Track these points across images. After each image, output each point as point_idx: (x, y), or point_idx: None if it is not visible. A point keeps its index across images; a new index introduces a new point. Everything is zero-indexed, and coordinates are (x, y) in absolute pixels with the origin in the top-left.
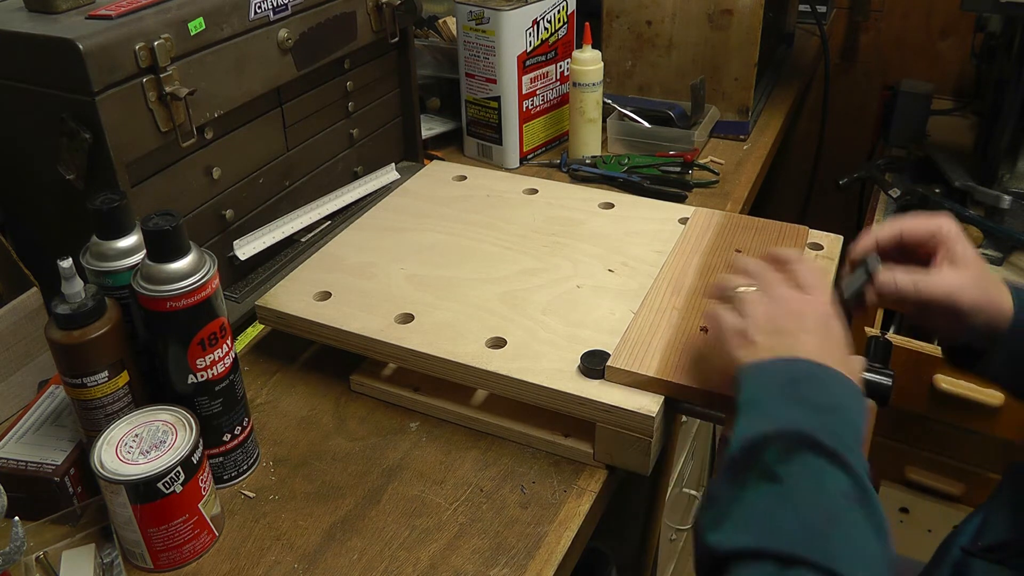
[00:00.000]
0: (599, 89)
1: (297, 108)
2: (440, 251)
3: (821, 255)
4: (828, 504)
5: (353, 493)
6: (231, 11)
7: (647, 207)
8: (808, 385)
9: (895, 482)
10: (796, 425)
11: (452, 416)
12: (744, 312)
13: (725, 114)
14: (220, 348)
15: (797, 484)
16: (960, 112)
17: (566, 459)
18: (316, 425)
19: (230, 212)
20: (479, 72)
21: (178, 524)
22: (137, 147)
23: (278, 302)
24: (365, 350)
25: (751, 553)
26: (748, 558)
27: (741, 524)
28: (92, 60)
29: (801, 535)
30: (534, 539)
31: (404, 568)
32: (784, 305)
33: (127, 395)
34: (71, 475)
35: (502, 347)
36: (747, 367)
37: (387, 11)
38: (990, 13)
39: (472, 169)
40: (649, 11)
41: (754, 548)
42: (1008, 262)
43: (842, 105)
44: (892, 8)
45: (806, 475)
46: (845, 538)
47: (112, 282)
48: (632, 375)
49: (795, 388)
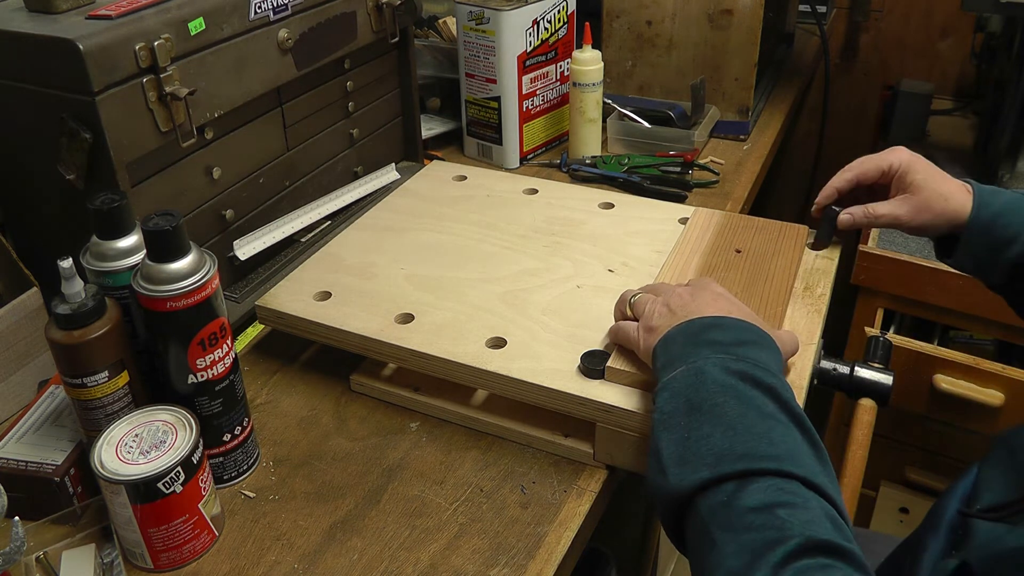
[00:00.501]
0: (599, 89)
1: (297, 108)
2: (440, 251)
3: (821, 255)
4: (763, 423)
5: (353, 493)
6: (231, 11)
7: (647, 207)
8: (712, 331)
9: (895, 482)
10: (709, 361)
11: (452, 416)
12: (639, 312)
13: (725, 114)
14: (220, 348)
15: (732, 412)
16: (960, 112)
17: (566, 459)
18: (316, 425)
19: (230, 212)
20: (479, 72)
21: (178, 524)
22: (137, 147)
23: (278, 302)
24: (365, 350)
25: (711, 482)
26: (710, 487)
27: (695, 461)
28: (92, 60)
29: (748, 452)
30: (534, 539)
31: (404, 568)
32: (677, 293)
33: (127, 395)
34: (71, 475)
35: (502, 347)
36: (656, 344)
37: (387, 11)
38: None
39: (472, 169)
40: (649, 11)
41: (711, 477)
42: None
43: (842, 105)
44: (892, 8)
45: (738, 402)
46: (785, 443)
47: (112, 282)
48: (632, 375)
49: (700, 335)
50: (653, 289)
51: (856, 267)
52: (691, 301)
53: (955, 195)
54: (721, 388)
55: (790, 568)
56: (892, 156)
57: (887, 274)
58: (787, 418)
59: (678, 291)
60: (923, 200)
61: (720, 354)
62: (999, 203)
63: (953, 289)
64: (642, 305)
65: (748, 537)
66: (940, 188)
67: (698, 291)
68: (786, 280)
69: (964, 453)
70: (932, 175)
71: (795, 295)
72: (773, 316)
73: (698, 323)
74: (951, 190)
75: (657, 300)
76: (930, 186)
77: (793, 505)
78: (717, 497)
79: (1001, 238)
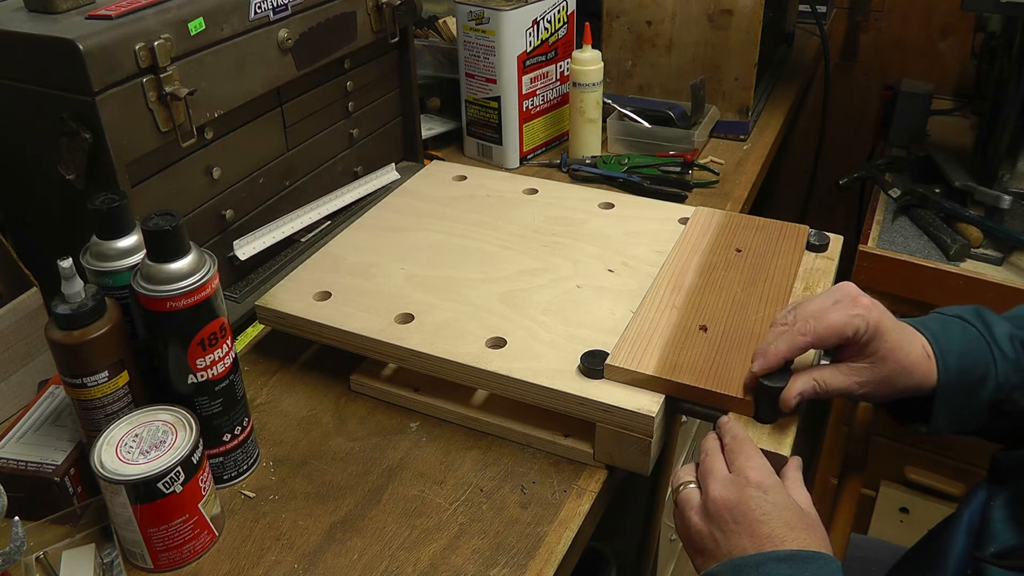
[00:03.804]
0: (599, 89)
1: (297, 108)
2: (440, 251)
3: (821, 255)
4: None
5: (353, 493)
6: (231, 11)
7: (647, 207)
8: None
9: (895, 482)
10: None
11: (452, 416)
12: (682, 514)
13: (725, 114)
14: (220, 348)
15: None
16: (960, 112)
17: (566, 459)
18: (316, 425)
19: (230, 212)
20: (479, 72)
21: (178, 524)
22: (137, 147)
23: (278, 302)
24: (365, 350)
25: None
26: None
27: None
28: (92, 60)
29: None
30: (534, 539)
31: (404, 568)
32: (720, 505)
33: (127, 395)
34: (71, 475)
35: (502, 347)
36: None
37: (387, 11)
38: (990, 13)
39: (472, 169)
40: (649, 11)
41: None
42: (1008, 262)
43: (842, 105)
44: (892, 8)
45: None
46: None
47: (112, 282)
48: (631, 373)
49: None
50: (702, 468)
51: (856, 267)
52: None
53: (918, 367)
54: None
55: None
56: (855, 319)
57: (887, 274)
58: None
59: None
60: (885, 375)
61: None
62: (956, 348)
63: (953, 289)
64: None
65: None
66: (904, 360)
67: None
68: (786, 280)
69: (964, 453)
70: (898, 343)
71: (795, 295)
72: (773, 316)
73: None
74: (914, 361)
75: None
76: (895, 358)
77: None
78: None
79: (971, 385)
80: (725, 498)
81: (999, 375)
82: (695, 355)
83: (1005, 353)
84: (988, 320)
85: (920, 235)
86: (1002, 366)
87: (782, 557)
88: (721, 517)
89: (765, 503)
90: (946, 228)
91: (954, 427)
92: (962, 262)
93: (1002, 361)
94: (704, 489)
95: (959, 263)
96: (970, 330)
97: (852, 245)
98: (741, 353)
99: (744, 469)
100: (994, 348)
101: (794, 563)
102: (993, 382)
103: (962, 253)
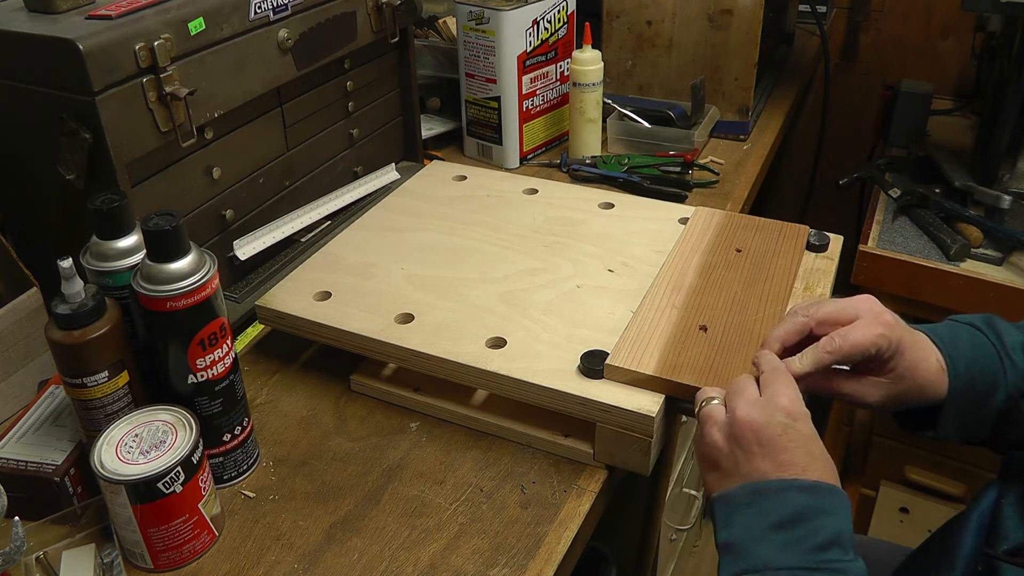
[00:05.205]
0: (599, 89)
1: (297, 108)
2: (440, 251)
3: (821, 255)
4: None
5: (353, 493)
6: (231, 11)
7: (647, 207)
8: (778, 510)
9: (895, 482)
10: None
11: (452, 416)
12: (705, 433)
13: (725, 114)
14: (220, 348)
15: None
16: (960, 112)
17: (566, 459)
18: (316, 425)
19: (230, 212)
20: (479, 72)
21: (178, 524)
22: (137, 147)
23: (278, 302)
24: (365, 350)
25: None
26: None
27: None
28: (92, 60)
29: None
30: (534, 539)
31: (404, 568)
32: (739, 426)
33: (127, 395)
34: (71, 475)
35: (502, 347)
36: (715, 498)
37: (387, 11)
38: (990, 13)
39: (472, 169)
40: (649, 11)
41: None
42: (1008, 262)
43: (842, 105)
44: (892, 8)
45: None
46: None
47: (112, 282)
48: (631, 373)
49: (768, 515)
50: (731, 392)
51: (856, 267)
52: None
53: (933, 384)
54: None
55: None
56: (879, 339)
57: (887, 274)
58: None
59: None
60: (901, 392)
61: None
62: (965, 356)
63: (953, 289)
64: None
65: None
66: (920, 379)
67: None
68: (786, 280)
69: (964, 453)
70: (915, 361)
71: (795, 295)
72: (773, 316)
73: (765, 501)
74: (930, 379)
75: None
76: (912, 376)
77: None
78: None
79: (981, 393)
80: (753, 419)
81: (1009, 384)
82: (695, 355)
83: (1015, 363)
84: (999, 329)
85: (920, 235)
86: (1012, 375)
87: (805, 487)
88: (745, 437)
89: (792, 431)
90: (946, 228)
91: (962, 435)
92: (962, 262)
93: (1012, 370)
94: (731, 407)
95: (959, 263)
96: (980, 338)
97: (852, 245)
98: (741, 353)
99: (776, 395)
100: (1004, 357)
101: (816, 494)
102: (1003, 391)
103: (962, 253)
